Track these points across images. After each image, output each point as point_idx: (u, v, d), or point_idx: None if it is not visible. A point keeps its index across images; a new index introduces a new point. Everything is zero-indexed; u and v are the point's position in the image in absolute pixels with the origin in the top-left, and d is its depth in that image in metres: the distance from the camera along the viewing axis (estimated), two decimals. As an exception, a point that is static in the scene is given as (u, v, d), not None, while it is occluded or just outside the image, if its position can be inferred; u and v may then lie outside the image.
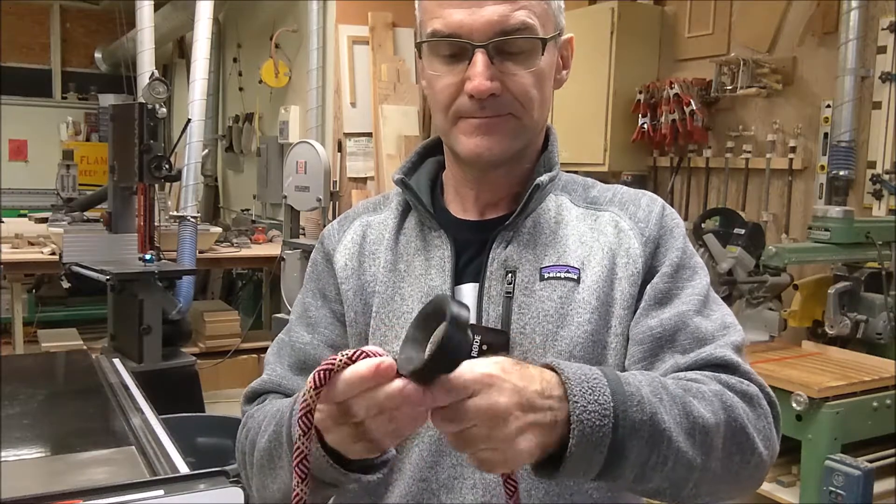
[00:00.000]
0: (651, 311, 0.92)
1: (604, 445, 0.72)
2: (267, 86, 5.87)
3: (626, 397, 0.74)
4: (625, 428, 0.73)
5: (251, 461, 0.91)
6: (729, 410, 0.81)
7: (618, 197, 1.00)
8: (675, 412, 0.77)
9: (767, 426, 0.86)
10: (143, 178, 3.58)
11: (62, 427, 1.82)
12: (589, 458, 0.72)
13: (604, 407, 0.72)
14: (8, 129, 8.06)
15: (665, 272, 0.93)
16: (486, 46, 0.87)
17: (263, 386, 1.01)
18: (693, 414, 0.78)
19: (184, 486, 1.32)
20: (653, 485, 0.77)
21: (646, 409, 0.74)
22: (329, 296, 1.03)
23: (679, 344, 0.90)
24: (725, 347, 0.89)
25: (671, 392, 0.79)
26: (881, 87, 2.95)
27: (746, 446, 0.82)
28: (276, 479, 0.86)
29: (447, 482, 0.92)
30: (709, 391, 0.82)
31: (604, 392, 0.73)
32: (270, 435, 0.86)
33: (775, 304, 2.93)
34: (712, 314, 0.93)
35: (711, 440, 0.79)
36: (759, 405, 0.86)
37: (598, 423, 0.71)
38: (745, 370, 0.88)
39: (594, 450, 0.72)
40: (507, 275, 0.94)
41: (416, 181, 1.02)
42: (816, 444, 2.27)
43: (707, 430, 0.79)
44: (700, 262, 0.98)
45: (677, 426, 0.76)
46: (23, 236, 4.79)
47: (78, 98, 8.84)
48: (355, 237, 1.04)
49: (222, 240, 5.29)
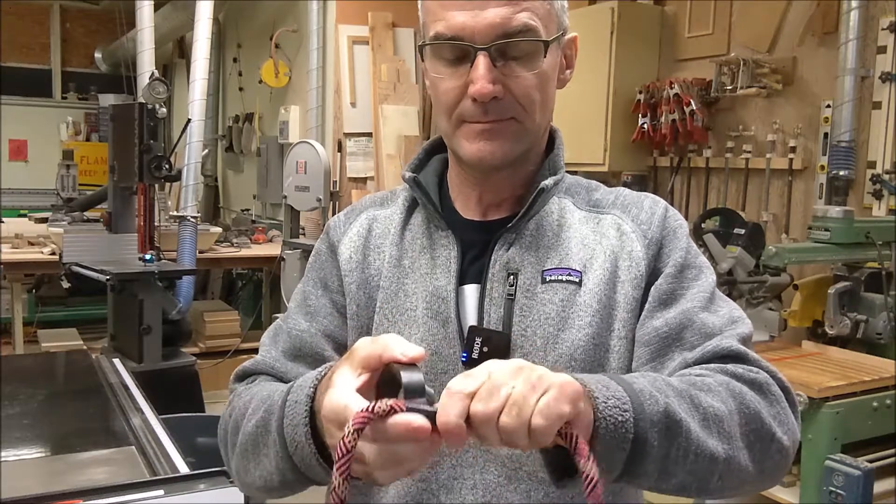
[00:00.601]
0: (656, 312, 0.91)
1: (627, 441, 0.71)
2: (267, 86, 5.87)
3: (637, 393, 0.73)
4: (644, 421, 0.71)
5: (233, 441, 0.91)
6: (738, 398, 0.81)
7: (620, 200, 1.00)
8: (685, 406, 0.76)
9: (782, 411, 0.84)
10: (143, 178, 3.58)
11: (62, 427, 1.82)
12: (612, 454, 0.71)
13: (622, 401, 0.71)
14: (8, 129, 8.06)
15: (669, 273, 0.93)
16: (489, 49, 0.87)
17: (255, 366, 1.01)
18: (702, 405, 0.77)
19: (184, 486, 1.33)
20: (677, 480, 0.76)
21: (659, 401, 0.74)
22: (331, 286, 1.02)
23: (687, 341, 0.89)
24: (732, 338, 0.88)
25: (675, 388, 0.78)
26: (881, 87, 2.95)
27: (764, 432, 0.81)
28: (258, 465, 0.85)
29: (447, 482, 0.92)
30: (714, 382, 0.81)
31: (618, 388, 0.72)
32: (258, 421, 0.85)
33: (775, 304, 2.93)
34: (719, 310, 0.92)
35: (728, 429, 0.78)
36: (770, 391, 0.84)
37: (620, 417, 0.70)
38: (754, 358, 0.87)
39: (618, 446, 0.71)
40: (509, 277, 0.94)
41: (425, 179, 1.02)
42: (816, 444, 2.27)
43: (720, 418, 0.78)
44: (705, 261, 0.97)
45: (691, 417, 0.76)
46: (23, 236, 4.79)
47: (78, 98, 8.84)
48: (361, 230, 1.03)
49: (222, 240, 5.29)
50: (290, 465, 0.79)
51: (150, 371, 3.31)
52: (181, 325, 3.81)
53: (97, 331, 5.30)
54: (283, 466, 0.80)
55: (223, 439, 0.95)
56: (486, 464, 0.92)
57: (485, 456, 0.92)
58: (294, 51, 5.77)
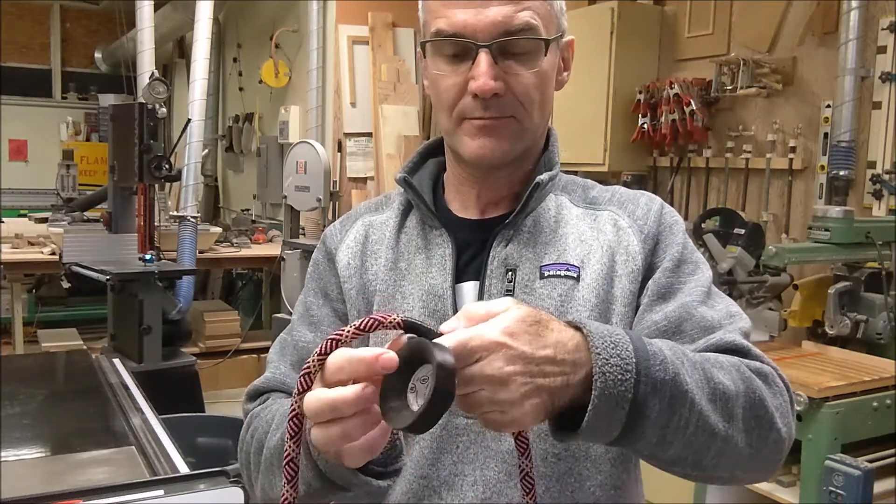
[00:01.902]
0: (654, 305, 0.92)
1: (625, 401, 0.71)
2: (267, 86, 5.87)
3: (650, 356, 0.73)
4: (647, 385, 0.72)
5: (257, 460, 0.91)
6: (748, 382, 0.81)
7: (616, 197, 1.01)
8: (697, 377, 0.76)
9: (784, 404, 0.85)
10: (143, 178, 3.58)
11: (62, 427, 1.82)
12: (610, 414, 0.71)
13: (626, 362, 0.71)
14: (8, 129, 8.06)
15: (666, 267, 0.94)
16: (490, 46, 0.88)
17: (266, 384, 1.01)
18: (714, 380, 0.78)
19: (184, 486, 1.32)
20: (673, 451, 0.76)
21: (669, 369, 0.74)
22: (331, 295, 1.03)
23: (686, 334, 0.90)
24: (734, 333, 0.89)
25: (691, 358, 0.78)
26: (881, 87, 2.95)
27: (765, 420, 0.82)
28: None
29: (448, 479, 0.93)
30: (727, 362, 0.82)
31: (626, 348, 0.72)
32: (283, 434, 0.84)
33: (775, 304, 2.93)
34: (717, 305, 0.93)
35: (732, 408, 0.78)
36: (775, 383, 0.85)
37: (620, 377, 0.70)
38: (757, 353, 0.88)
39: (615, 405, 0.71)
40: (508, 273, 0.95)
41: (418, 180, 1.03)
42: (816, 444, 2.27)
43: (728, 397, 0.78)
44: (701, 257, 0.98)
45: (699, 390, 0.76)
46: (23, 236, 4.79)
47: (78, 98, 8.85)
48: (358, 237, 1.04)
49: (222, 240, 5.29)
50: (315, 471, 0.77)
51: (150, 371, 3.31)
52: (181, 325, 3.81)
53: (97, 331, 5.30)
54: (308, 475, 0.78)
55: (245, 462, 0.94)
56: (487, 460, 0.92)
57: (485, 452, 0.92)
58: (294, 51, 5.77)
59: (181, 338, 3.82)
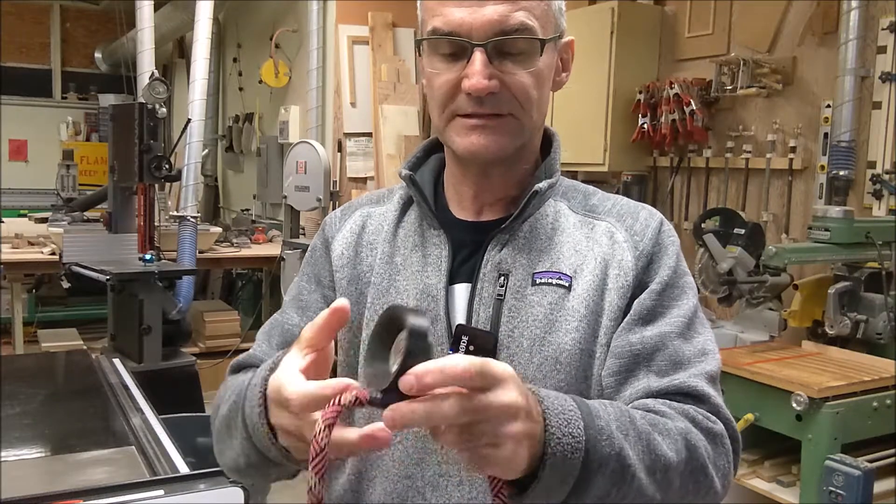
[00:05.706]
0: (634, 326, 0.92)
1: (572, 477, 0.72)
2: (267, 86, 5.87)
3: (597, 431, 0.74)
4: (593, 462, 0.73)
5: (215, 426, 0.95)
6: (692, 451, 0.82)
7: (616, 208, 1.00)
8: (640, 448, 0.78)
9: (727, 464, 0.87)
10: (143, 178, 3.58)
11: (62, 427, 1.82)
12: (555, 487, 0.72)
13: (577, 440, 0.72)
14: (8, 129, 8.06)
15: (654, 289, 0.93)
16: (485, 46, 0.88)
17: (248, 360, 1.03)
18: (657, 451, 0.79)
19: (184, 486, 1.33)
20: None
21: (614, 444, 0.75)
22: (323, 282, 1.04)
23: (655, 364, 0.90)
24: (699, 377, 0.89)
25: (638, 428, 0.79)
26: (881, 87, 2.95)
27: (703, 484, 0.84)
28: (230, 447, 0.88)
29: (433, 480, 0.92)
30: (675, 429, 0.83)
31: (578, 425, 0.73)
32: (231, 405, 0.88)
33: (775, 304, 2.93)
34: (694, 338, 0.93)
35: (671, 479, 0.80)
36: (722, 444, 0.87)
37: (570, 455, 0.71)
38: (715, 403, 0.89)
39: (561, 481, 0.72)
40: (500, 277, 0.95)
41: (421, 177, 1.03)
42: (816, 444, 2.27)
43: (668, 468, 0.79)
44: (691, 281, 0.98)
45: (641, 462, 0.77)
46: (23, 236, 4.79)
47: (78, 98, 8.84)
48: (354, 227, 1.05)
49: (222, 240, 5.29)
50: (251, 446, 0.81)
51: (150, 371, 3.31)
52: (181, 325, 3.81)
53: (97, 331, 5.30)
54: (246, 447, 0.83)
55: (212, 427, 0.98)
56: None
57: None
58: (294, 51, 5.77)
59: (181, 338, 3.83)
